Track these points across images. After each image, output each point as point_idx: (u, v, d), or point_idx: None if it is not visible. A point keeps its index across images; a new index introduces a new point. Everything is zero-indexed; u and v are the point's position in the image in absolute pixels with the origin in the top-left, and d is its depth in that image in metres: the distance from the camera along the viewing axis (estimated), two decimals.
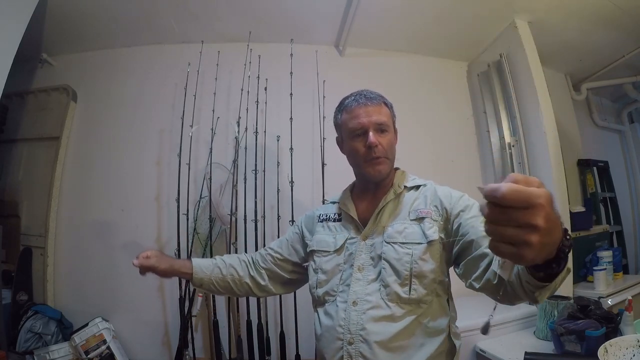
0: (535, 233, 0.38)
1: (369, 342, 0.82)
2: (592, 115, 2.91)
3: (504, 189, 0.37)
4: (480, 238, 0.77)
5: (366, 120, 0.92)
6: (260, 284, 1.09)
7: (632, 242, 2.74)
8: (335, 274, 0.93)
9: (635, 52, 2.34)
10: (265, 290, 1.10)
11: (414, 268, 0.84)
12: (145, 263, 1.03)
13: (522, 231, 0.38)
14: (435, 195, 0.93)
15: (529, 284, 0.58)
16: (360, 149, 0.93)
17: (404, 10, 1.97)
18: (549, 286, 0.57)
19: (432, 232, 0.87)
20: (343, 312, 0.87)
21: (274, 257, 1.10)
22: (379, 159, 0.92)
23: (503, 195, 0.37)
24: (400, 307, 0.84)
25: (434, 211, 0.90)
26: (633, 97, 2.88)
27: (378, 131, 0.92)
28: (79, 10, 1.92)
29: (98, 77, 2.25)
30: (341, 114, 0.98)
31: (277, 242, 1.15)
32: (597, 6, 1.92)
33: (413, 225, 0.89)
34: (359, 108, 0.93)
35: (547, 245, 0.41)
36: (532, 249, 0.39)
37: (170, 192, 2.02)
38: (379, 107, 0.94)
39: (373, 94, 0.96)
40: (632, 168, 3.02)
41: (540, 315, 1.55)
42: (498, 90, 2.17)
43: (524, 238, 0.38)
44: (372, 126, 0.91)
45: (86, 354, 1.77)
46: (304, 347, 1.80)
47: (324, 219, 1.04)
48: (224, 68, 2.05)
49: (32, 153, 2.18)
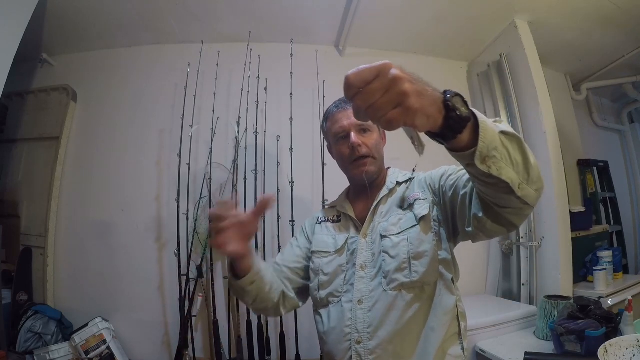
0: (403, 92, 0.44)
1: (379, 337, 0.82)
2: (592, 115, 2.91)
3: (348, 73, 0.45)
4: (459, 186, 0.78)
5: (347, 123, 0.93)
6: (288, 295, 0.98)
7: (632, 242, 2.74)
8: (338, 275, 0.92)
9: (635, 52, 2.34)
10: (291, 303, 0.99)
11: (411, 250, 0.84)
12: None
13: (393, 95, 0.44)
14: (421, 179, 0.95)
15: (470, 167, 0.56)
16: (345, 152, 0.95)
17: (404, 10, 1.97)
18: (480, 150, 0.53)
19: (422, 209, 0.88)
20: (349, 312, 0.86)
21: (289, 267, 1.02)
22: (364, 158, 0.93)
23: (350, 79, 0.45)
24: (405, 295, 0.83)
25: (420, 193, 0.91)
26: (633, 97, 2.88)
27: (360, 131, 0.93)
28: (79, 10, 1.92)
29: (98, 77, 2.25)
30: (326, 122, 1.01)
31: (283, 253, 1.08)
32: (597, 6, 1.92)
33: (407, 214, 0.90)
34: (339, 113, 0.95)
35: (426, 105, 0.47)
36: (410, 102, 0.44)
37: (170, 192, 2.02)
38: None
39: None
40: (632, 168, 3.02)
41: (540, 315, 1.55)
42: (498, 90, 2.17)
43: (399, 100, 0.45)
44: (354, 127, 0.93)
45: (86, 354, 1.77)
46: (304, 347, 1.80)
47: (322, 221, 1.05)
48: (224, 68, 2.05)
49: (32, 153, 2.18)
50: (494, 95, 2.20)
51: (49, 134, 2.15)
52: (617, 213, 2.68)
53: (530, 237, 1.93)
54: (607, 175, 2.71)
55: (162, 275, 2.00)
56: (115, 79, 2.24)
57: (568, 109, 2.63)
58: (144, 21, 2.05)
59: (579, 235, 2.04)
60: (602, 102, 3.03)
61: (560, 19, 2.03)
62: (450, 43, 2.30)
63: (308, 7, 1.97)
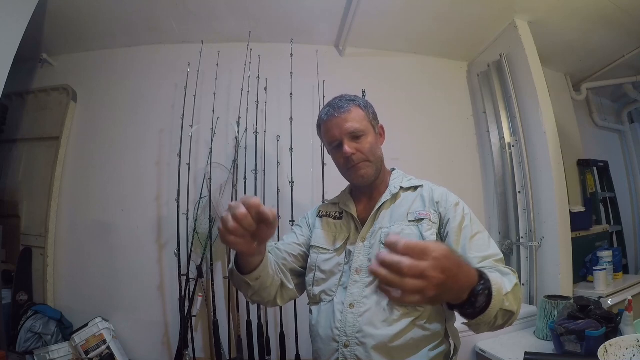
0: (429, 282, 0.47)
1: (366, 345, 0.81)
2: (592, 115, 2.90)
3: (402, 242, 0.47)
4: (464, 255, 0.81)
5: (338, 132, 0.92)
6: (287, 287, 0.94)
7: (632, 242, 2.74)
8: (335, 274, 0.92)
9: (635, 52, 2.34)
10: (289, 294, 0.96)
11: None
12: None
13: (419, 281, 0.46)
14: (433, 197, 0.92)
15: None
16: (340, 160, 0.95)
17: (404, 10, 1.97)
18: (473, 322, 0.64)
19: (430, 234, 0.86)
20: (340, 314, 0.86)
21: (291, 253, 0.99)
22: (358, 164, 0.92)
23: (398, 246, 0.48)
24: (397, 309, 0.83)
25: (432, 214, 0.89)
26: (633, 97, 2.88)
27: (353, 139, 0.92)
28: (79, 10, 1.91)
29: (98, 77, 2.25)
30: (319, 128, 1.00)
31: (285, 239, 1.04)
32: (597, 6, 1.92)
33: (411, 227, 0.88)
34: (329, 121, 0.94)
35: (447, 291, 0.51)
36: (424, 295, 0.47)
37: (170, 192, 2.02)
38: (349, 113, 0.93)
39: (343, 101, 0.96)
40: (632, 168, 3.02)
41: (540, 315, 1.55)
42: (498, 90, 2.17)
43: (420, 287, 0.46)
44: (345, 136, 0.92)
45: (86, 354, 1.77)
46: (304, 347, 1.80)
47: (324, 215, 1.03)
48: (224, 68, 2.05)
49: (32, 153, 2.18)
50: (494, 95, 2.20)
51: (49, 134, 2.15)
52: (617, 213, 2.68)
53: (530, 237, 1.93)
54: (607, 175, 2.71)
55: (162, 275, 2.00)
56: (115, 79, 2.24)
57: (568, 109, 2.62)
58: (144, 21, 2.05)
59: (579, 235, 2.04)
60: (602, 102, 3.03)
61: (560, 19, 2.03)
62: (450, 43, 2.30)
63: (308, 7, 1.97)
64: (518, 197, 2.00)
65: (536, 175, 1.94)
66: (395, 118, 2.24)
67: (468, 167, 2.32)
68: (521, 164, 2.01)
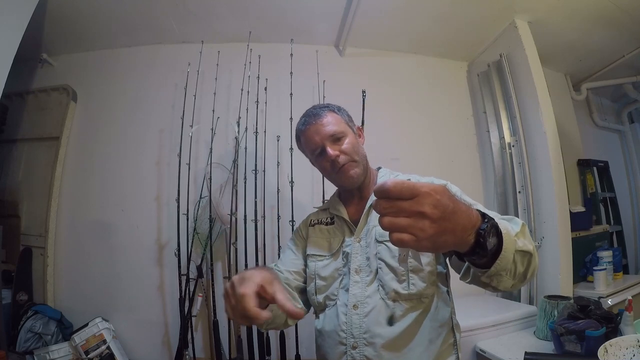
0: (425, 219, 0.43)
1: (375, 344, 0.82)
2: (592, 115, 2.91)
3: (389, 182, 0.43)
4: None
5: (318, 138, 0.93)
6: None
7: (632, 242, 2.74)
8: (335, 279, 0.92)
9: (635, 52, 2.35)
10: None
11: (410, 263, 0.83)
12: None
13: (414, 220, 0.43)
14: None
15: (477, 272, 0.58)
16: (326, 166, 0.95)
17: (404, 11, 1.97)
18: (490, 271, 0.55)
19: None
20: (344, 316, 0.86)
21: (291, 270, 0.99)
22: (345, 166, 0.92)
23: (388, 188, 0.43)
24: (402, 304, 0.83)
25: None
26: (633, 97, 2.88)
27: (334, 142, 0.93)
28: (79, 10, 1.91)
29: (98, 77, 2.25)
30: (299, 140, 1.01)
31: (282, 259, 1.04)
32: (597, 6, 1.92)
33: None
34: (308, 130, 0.95)
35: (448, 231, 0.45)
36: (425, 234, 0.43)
37: (170, 192, 2.02)
38: (325, 118, 0.94)
39: (316, 109, 0.97)
40: (632, 168, 3.02)
41: (540, 315, 1.55)
42: (498, 90, 2.17)
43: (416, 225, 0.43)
44: (326, 140, 0.92)
45: (86, 354, 1.77)
46: (304, 347, 1.80)
47: (315, 223, 1.03)
48: (224, 68, 2.05)
49: (32, 153, 2.18)
50: (494, 95, 2.19)
51: (49, 134, 2.15)
52: (617, 213, 2.68)
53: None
54: (607, 175, 2.71)
55: (162, 275, 2.00)
56: (115, 78, 2.24)
57: (568, 109, 2.63)
58: (144, 21, 2.05)
59: (579, 235, 2.04)
60: (602, 102, 3.03)
61: (560, 19, 2.03)
62: (450, 43, 2.30)
63: (308, 7, 1.97)
64: (518, 197, 2.00)
65: (536, 175, 1.93)
66: (395, 118, 2.24)
67: (468, 167, 2.32)
68: (521, 164, 2.01)
